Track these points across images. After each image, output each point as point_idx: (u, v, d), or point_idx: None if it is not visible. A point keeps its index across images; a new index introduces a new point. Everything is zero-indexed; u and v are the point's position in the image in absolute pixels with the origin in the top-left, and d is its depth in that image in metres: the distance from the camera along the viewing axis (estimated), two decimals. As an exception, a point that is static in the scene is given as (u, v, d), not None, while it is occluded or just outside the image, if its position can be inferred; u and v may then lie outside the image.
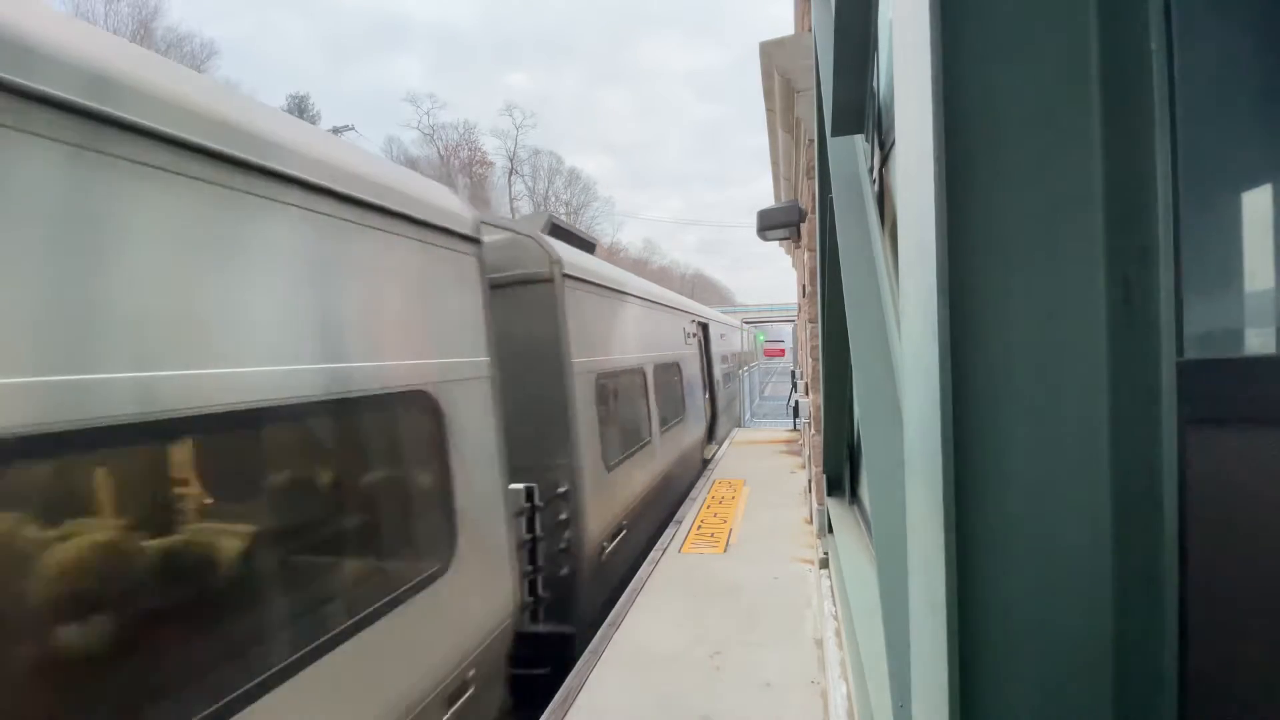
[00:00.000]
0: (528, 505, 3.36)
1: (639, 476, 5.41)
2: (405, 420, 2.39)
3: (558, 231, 4.71)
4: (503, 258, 3.54)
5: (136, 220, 1.48)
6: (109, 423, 1.36)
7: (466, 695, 2.57)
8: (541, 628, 3.54)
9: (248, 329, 1.72)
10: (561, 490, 3.96)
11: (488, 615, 2.79)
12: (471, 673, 2.61)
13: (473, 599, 2.69)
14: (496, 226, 3.88)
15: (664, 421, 6.48)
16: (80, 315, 1.36)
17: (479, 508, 2.77)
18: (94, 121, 1.40)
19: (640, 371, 5.78)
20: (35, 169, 1.30)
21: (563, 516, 3.96)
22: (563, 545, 3.95)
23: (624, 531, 4.89)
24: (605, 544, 4.49)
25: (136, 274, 1.47)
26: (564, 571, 3.92)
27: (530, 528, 3.39)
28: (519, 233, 3.95)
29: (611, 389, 4.89)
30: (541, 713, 2.86)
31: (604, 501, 4.43)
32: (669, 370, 6.99)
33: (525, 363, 3.69)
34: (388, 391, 2.25)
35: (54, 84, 1.32)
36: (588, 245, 5.28)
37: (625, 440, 5.17)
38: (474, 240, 2.90)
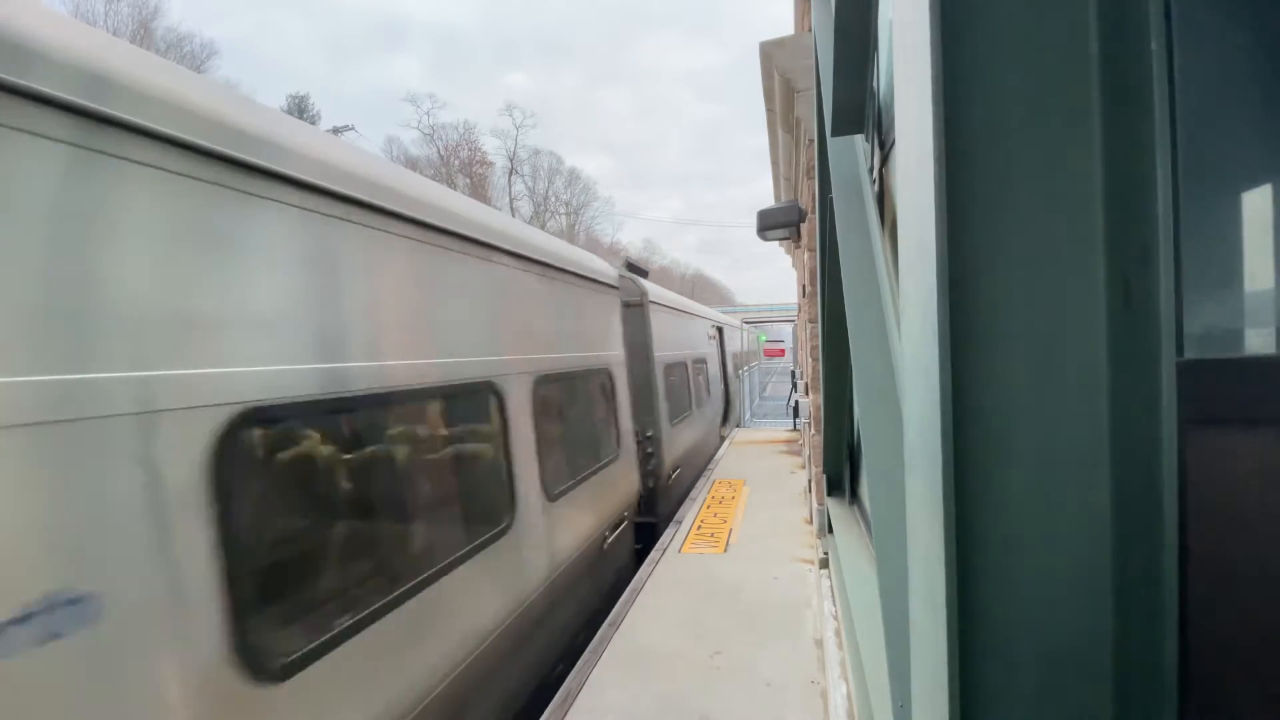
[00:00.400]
0: (636, 438, 5.85)
1: (687, 435, 8.04)
2: (602, 382, 4.90)
3: (631, 266, 7.12)
4: None
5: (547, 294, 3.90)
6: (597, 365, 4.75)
7: (621, 526, 4.93)
8: (639, 518, 5.80)
9: (574, 337, 4.27)
10: (649, 434, 6.42)
11: (629, 488, 5.25)
12: (625, 514, 5.06)
13: (625, 477, 5.15)
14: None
15: (698, 401, 9.07)
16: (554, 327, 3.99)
17: (625, 431, 5.31)
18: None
19: (684, 364, 8.32)
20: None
21: (649, 451, 6.41)
22: (650, 467, 6.38)
23: (679, 470, 7.34)
24: (671, 473, 6.93)
25: (564, 313, 4.15)
26: (651, 484, 6.34)
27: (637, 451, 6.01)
28: (624, 274, 6.39)
29: (672, 375, 7.42)
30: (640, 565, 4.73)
31: (670, 445, 6.91)
32: (700, 364, 9.67)
33: (630, 355, 5.86)
34: (598, 367, 4.77)
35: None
36: (643, 271, 7.44)
37: (680, 409, 7.73)
38: (615, 287, 5.45)
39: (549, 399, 3.75)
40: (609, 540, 4.61)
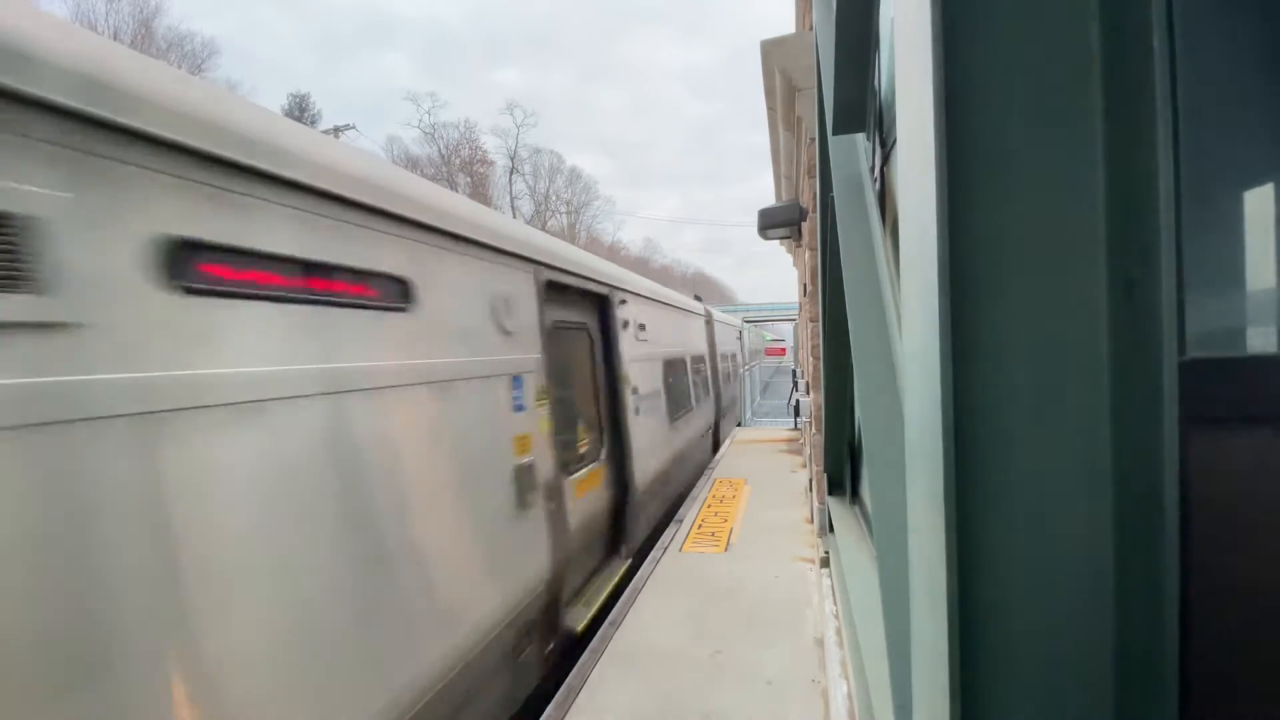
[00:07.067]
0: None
1: (728, 395, 13.24)
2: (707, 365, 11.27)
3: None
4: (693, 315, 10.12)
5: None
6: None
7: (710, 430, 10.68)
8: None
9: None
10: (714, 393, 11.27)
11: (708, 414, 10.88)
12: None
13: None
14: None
15: (726, 379, 13.90)
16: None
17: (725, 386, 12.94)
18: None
19: (720, 356, 12.88)
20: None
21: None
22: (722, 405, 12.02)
23: (726, 412, 12.66)
24: (724, 409, 12.29)
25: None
26: (719, 412, 11.54)
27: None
28: (695, 301, 11.18)
29: (721, 363, 12.25)
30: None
31: (722, 399, 12.00)
32: (729, 356, 14.59)
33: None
34: (705, 356, 10.92)
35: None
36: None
37: (724, 381, 12.57)
38: (709, 317, 11.50)
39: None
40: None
